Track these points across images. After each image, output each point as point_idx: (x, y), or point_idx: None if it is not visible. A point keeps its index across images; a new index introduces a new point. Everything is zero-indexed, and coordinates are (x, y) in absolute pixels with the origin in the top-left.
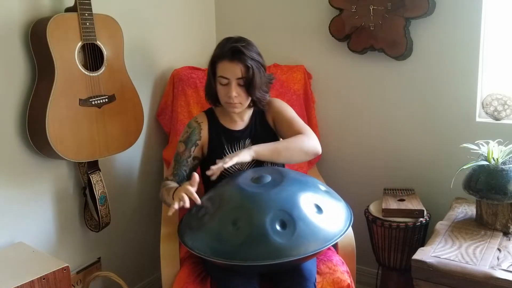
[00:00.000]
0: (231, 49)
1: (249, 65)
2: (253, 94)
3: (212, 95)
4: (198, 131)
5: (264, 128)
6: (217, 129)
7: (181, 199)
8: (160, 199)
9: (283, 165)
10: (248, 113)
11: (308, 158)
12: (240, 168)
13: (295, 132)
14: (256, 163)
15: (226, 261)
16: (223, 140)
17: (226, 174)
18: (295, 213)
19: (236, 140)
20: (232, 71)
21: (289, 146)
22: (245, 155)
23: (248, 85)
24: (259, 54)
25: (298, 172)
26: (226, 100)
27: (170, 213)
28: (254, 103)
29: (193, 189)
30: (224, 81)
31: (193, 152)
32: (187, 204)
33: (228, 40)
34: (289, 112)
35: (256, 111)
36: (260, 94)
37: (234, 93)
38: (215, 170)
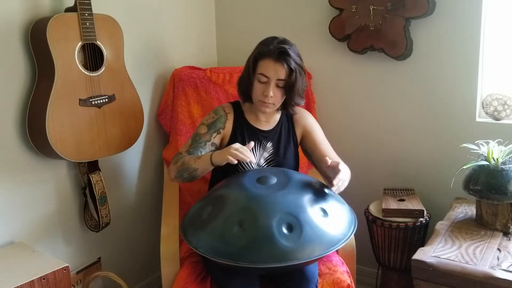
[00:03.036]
0: (278, 49)
1: (294, 68)
2: (292, 98)
3: (245, 90)
4: (224, 120)
5: (290, 137)
6: (241, 124)
7: (237, 152)
8: (178, 168)
9: (287, 166)
10: (275, 117)
11: None
12: (256, 167)
13: (328, 154)
14: (275, 165)
15: (232, 262)
16: (245, 136)
17: (241, 170)
18: (301, 216)
19: (258, 139)
20: (275, 71)
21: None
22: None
23: (289, 88)
24: (301, 59)
25: (302, 173)
26: (261, 99)
27: (233, 160)
28: (284, 107)
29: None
30: (264, 79)
31: (213, 138)
32: (252, 159)
33: (273, 39)
34: (322, 134)
35: (284, 118)
36: (298, 99)
37: (271, 93)
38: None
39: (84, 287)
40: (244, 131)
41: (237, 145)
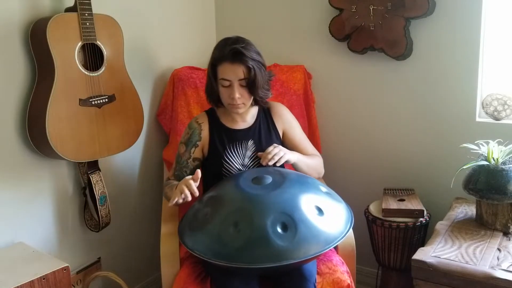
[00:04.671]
0: (231, 51)
1: (251, 66)
2: (256, 93)
3: (213, 96)
4: (198, 132)
5: (271, 132)
6: (218, 128)
7: (182, 192)
8: (165, 198)
9: (282, 166)
10: (252, 113)
11: (315, 177)
12: (241, 167)
13: (307, 152)
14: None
15: (227, 263)
16: (224, 139)
17: (226, 173)
18: (296, 215)
19: (238, 140)
20: (233, 73)
21: (314, 165)
22: (291, 156)
23: (250, 85)
24: (258, 53)
25: (298, 173)
26: (229, 102)
27: (170, 205)
28: (256, 101)
29: (193, 182)
30: (226, 83)
31: (193, 153)
32: (189, 198)
33: (226, 41)
34: (300, 129)
35: (262, 113)
36: (262, 93)
37: (237, 95)
38: (264, 155)
39: (84, 287)
40: (222, 136)
41: (182, 183)
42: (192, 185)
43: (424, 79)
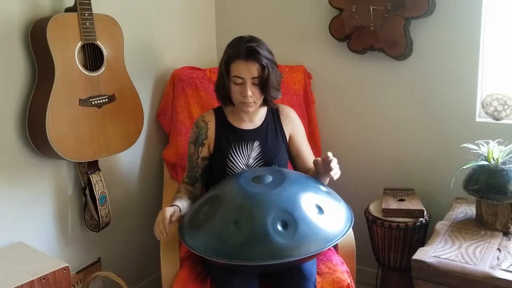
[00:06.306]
0: (246, 48)
1: (265, 64)
2: (268, 93)
3: (224, 95)
4: (205, 131)
5: (278, 134)
6: (225, 127)
7: (160, 231)
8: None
9: (285, 166)
10: (260, 115)
11: None
12: (245, 167)
13: (308, 161)
14: (265, 163)
15: (227, 260)
16: (230, 138)
17: (230, 172)
18: (296, 213)
19: (244, 140)
20: (248, 70)
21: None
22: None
23: (263, 84)
24: (270, 53)
25: (298, 172)
26: (241, 100)
27: (158, 239)
28: (265, 101)
29: (168, 217)
30: (239, 80)
31: (201, 152)
32: (161, 235)
33: (240, 39)
34: (305, 136)
35: (270, 115)
36: (274, 93)
37: (249, 93)
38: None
39: (84, 287)
40: (228, 135)
41: (158, 218)
42: (165, 220)
43: (424, 79)
